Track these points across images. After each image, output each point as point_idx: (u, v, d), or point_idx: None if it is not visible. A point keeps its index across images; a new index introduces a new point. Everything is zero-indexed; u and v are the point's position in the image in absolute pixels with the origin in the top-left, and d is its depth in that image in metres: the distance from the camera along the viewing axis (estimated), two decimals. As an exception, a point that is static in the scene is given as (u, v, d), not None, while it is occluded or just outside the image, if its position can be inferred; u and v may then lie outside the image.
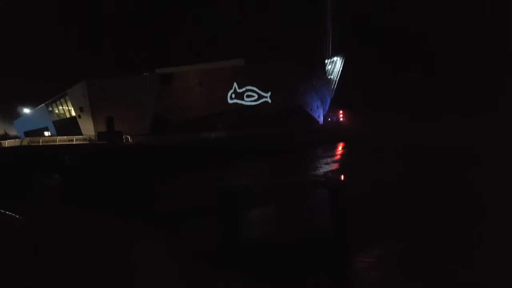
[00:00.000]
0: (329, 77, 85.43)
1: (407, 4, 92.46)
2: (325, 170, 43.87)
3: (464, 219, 21.54)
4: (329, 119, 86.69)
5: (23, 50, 69.60)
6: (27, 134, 59.08)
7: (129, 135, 48.28)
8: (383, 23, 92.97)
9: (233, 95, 60.45)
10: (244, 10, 78.38)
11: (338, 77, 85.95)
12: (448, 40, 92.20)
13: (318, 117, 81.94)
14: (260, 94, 64.13)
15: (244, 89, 61.07)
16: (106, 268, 15.75)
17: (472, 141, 53.44)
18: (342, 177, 38.65)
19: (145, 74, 58.59)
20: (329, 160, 52.51)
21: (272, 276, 15.57)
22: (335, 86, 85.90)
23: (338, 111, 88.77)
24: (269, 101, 64.93)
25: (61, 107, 56.88)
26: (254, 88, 62.66)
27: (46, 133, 58.25)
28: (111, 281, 14.90)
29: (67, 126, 54.75)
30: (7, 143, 46.94)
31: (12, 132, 64.33)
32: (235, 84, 60.03)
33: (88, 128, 51.69)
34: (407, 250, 17.61)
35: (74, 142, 47.82)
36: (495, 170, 34.68)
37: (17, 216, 21.31)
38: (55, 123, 58.02)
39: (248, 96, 62.24)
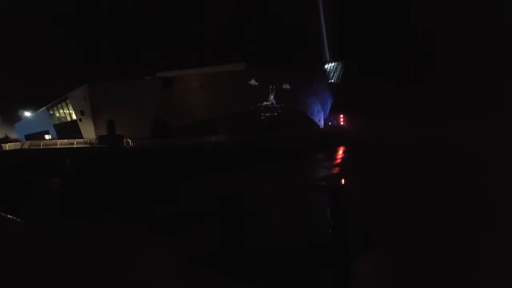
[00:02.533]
0: (330, 81, 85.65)
1: (408, 9, 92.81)
2: (325, 173, 43.91)
3: (463, 220, 21.56)
4: (330, 123, 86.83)
5: (24, 54, 69.88)
6: (28, 137, 59.12)
7: (130, 139, 48.30)
8: (384, 27, 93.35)
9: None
10: (246, 15, 78.67)
11: (339, 81, 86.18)
12: (448, 43, 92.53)
13: (319, 121, 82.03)
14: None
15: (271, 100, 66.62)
16: (106, 271, 15.75)
17: (471, 143, 53.55)
18: (343, 180, 38.77)
19: (146, 77, 58.70)
20: (329, 163, 52.57)
21: (273, 280, 15.56)
22: (336, 90, 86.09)
23: (339, 115, 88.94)
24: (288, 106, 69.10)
25: (62, 111, 56.91)
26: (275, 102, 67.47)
27: (47, 136, 58.26)
28: (112, 284, 14.90)
29: (68, 129, 54.75)
30: (8, 146, 47.02)
31: (13, 135, 64.42)
32: (271, 96, 65.98)
33: (89, 132, 51.72)
34: (407, 252, 17.60)
35: (74, 146, 47.82)
36: (494, 170, 34.75)
37: (18, 220, 21.36)
38: (56, 126, 58.04)
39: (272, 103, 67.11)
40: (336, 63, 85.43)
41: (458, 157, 46.92)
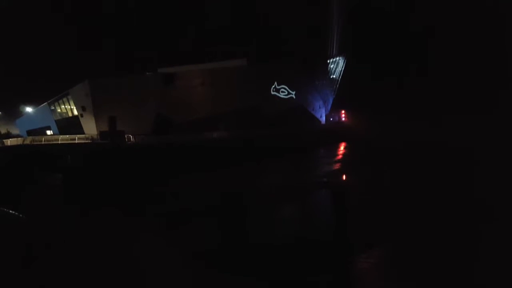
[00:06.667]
0: (331, 77, 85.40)
1: (408, 6, 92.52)
2: (327, 170, 43.87)
3: (465, 219, 21.50)
4: (331, 119, 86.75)
5: (26, 50, 69.79)
6: (30, 133, 59.25)
7: (131, 135, 48.32)
8: (384, 24, 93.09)
9: (273, 90, 67.83)
10: (247, 10, 78.38)
11: (340, 77, 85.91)
12: (449, 41, 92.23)
13: (320, 117, 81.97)
14: (289, 91, 70.60)
15: (280, 86, 68.89)
16: (107, 267, 15.77)
17: (471, 140, 53.45)
18: (344, 177, 38.76)
19: (147, 73, 58.65)
20: (330, 160, 52.51)
21: (272, 276, 15.56)
22: (337, 86, 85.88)
23: (340, 111, 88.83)
24: (294, 97, 71.70)
25: (63, 106, 56.94)
26: (286, 87, 69.82)
27: (49, 132, 58.38)
28: (112, 280, 14.93)
29: (70, 125, 54.79)
30: (9, 141, 47.11)
31: (15, 131, 64.57)
32: (275, 82, 67.55)
33: (90, 127, 51.74)
34: (408, 250, 17.59)
35: (76, 141, 47.88)
36: (494, 169, 34.66)
37: (21, 215, 21.37)
38: (57, 122, 58.11)
39: (282, 92, 69.34)
40: (337, 58, 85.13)
41: (460, 155, 46.81)
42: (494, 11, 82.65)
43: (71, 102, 54.74)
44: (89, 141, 48.64)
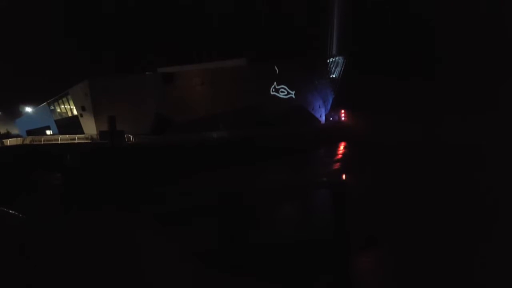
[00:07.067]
0: (331, 76, 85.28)
1: (408, 5, 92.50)
2: (327, 170, 43.86)
3: (464, 219, 21.50)
4: (331, 119, 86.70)
5: (25, 50, 69.71)
6: (29, 132, 59.26)
7: (131, 134, 48.27)
8: (384, 23, 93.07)
9: (273, 90, 67.12)
10: (247, 9, 78.33)
11: (340, 77, 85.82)
12: (450, 41, 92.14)
13: (320, 116, 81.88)
14: (289, 91, 69.87)
15: (280, 86, 68.20)
16: (106, 267, 15.76)
17: (472, 140, 53.46)
18: (344, 177, 38.71)
19: (147, 73, 58.61)
20: (330, 160, 52.51)
21: (272, 276, 15.55)
22: (338, 86, 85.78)
23: (340, 110, 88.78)
24: (294, 97, 70.69)
25: (63, 106, 56.92)
26: (285, 87, 69.18)
27: (48, 132, 58.39)
28: (112, 280, 14.92)
29: (69, 125, 54.80)
30: (9, 141, 47.10)
31: (15, 131, 64.57)
32: (275, 82, 67.25)
33: (90, 127, 51.71)
34: (408, 250, 17.58)
35: (76, 141, 47.86)
36: (495, 168, 34.66)
37: (20, 215, 21.37)
38: (57, 122, 58.11)
39: (281, 92, 68.80)
40: (337, 58, 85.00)
41: (459, 154, 46.81)
42: (495, 11, 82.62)
43: (71, 102, 54.72)
44: (89, 141, 48.61)
